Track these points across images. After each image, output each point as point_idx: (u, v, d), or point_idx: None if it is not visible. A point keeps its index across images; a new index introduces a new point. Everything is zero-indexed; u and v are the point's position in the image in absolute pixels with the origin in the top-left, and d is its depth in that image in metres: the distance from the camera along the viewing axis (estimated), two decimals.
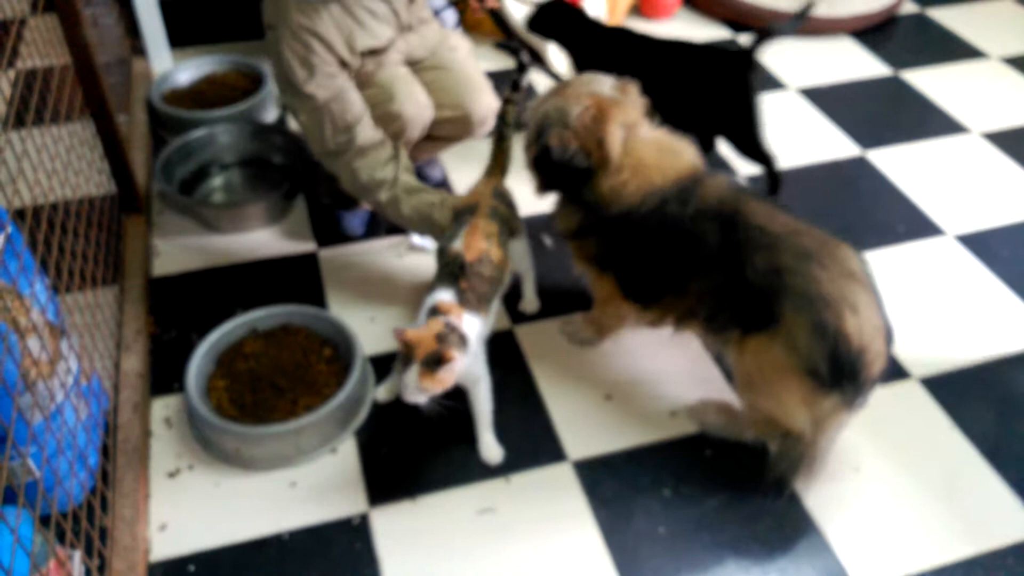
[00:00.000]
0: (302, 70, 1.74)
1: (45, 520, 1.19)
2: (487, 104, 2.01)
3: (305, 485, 1.61)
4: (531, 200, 1.79)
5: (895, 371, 1.85)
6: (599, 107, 1.53)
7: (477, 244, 1.56)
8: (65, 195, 1.62)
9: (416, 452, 1.67)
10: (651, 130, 1.60)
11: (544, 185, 1.64)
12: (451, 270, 1.55)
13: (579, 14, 2.23)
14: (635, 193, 1.52)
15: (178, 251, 2.13)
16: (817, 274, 1.40)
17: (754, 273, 1.44)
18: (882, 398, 1.78)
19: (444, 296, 1.52)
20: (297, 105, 1.81)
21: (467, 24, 2.99)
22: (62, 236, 1.54)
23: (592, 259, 1.68)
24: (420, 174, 2.30)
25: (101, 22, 2.42)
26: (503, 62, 2.81)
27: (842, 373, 1.38)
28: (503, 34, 2.69)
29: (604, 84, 1.60)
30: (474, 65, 2.09)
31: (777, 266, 1.42)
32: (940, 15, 3.25)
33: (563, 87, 1.62)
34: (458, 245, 1.57)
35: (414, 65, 2.02)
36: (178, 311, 1.96)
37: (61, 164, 1.65)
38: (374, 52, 1.86)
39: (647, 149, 1.55)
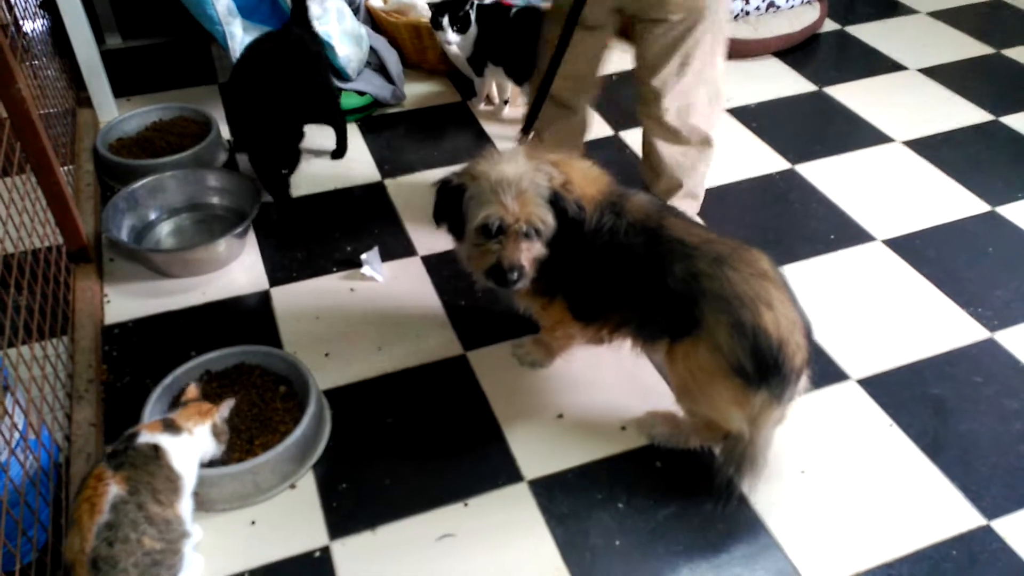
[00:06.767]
0: None
1: None
2: None
3: (265, 523, 1.62)
4: None
5: (833, 374, 1.93)
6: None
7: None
8: (6, 249, 1.62)
9: (374, 483, 1.69)
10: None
11: None
12: None
13: None
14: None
15: (130, 298, 2.13)
16: (730, 276, 1.48)
17: (674, 281, 1.52)
18: (822, 400, 1.85)
19: None
20: None
21: (411, 61, 3.06)
22: (3, 291, 1.53)
23: (537, 292, 1.71)
24: None
25: (42, 74, 2.43)
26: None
27: (766, 367, 1.45)
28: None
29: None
30: None
31: (694, 272, 1.51)
32: (860, 31, 3.41)
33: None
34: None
35: None
36: (131, 357, 1.96)
37: None
38: None
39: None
